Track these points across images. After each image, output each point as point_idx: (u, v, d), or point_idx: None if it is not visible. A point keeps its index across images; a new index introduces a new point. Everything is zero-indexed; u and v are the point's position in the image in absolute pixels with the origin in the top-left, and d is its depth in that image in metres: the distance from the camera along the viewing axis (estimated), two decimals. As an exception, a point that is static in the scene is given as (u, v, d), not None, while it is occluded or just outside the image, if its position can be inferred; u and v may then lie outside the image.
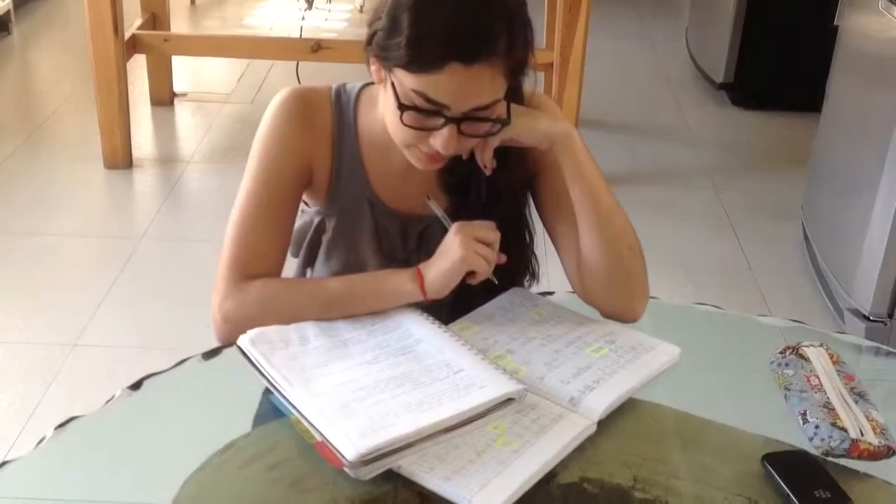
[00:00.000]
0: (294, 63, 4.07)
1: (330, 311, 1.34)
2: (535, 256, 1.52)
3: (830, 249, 3.01)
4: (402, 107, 1.26)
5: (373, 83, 1.40)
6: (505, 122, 1.30)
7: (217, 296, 1.38)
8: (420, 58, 1.22)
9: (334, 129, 1.44)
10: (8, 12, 5.06)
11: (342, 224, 1.47)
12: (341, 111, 1.44)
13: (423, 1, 1.22)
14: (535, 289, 1.53)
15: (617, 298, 1.39)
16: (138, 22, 3.98)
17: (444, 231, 1.37)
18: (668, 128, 4.37)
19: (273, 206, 1.41)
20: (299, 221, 1.50)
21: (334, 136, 1.44)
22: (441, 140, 1.27)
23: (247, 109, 4.30)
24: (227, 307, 1.36)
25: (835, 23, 3.13)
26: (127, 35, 3.68)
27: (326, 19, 5.49)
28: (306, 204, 1.50)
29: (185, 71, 4.72)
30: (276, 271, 1.41)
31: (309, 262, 1.53)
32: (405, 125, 1.27)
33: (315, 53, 3.72)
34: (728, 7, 4.42)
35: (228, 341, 1.33)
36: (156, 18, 4.12)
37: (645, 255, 1.42)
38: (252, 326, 1.30)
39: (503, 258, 1.34)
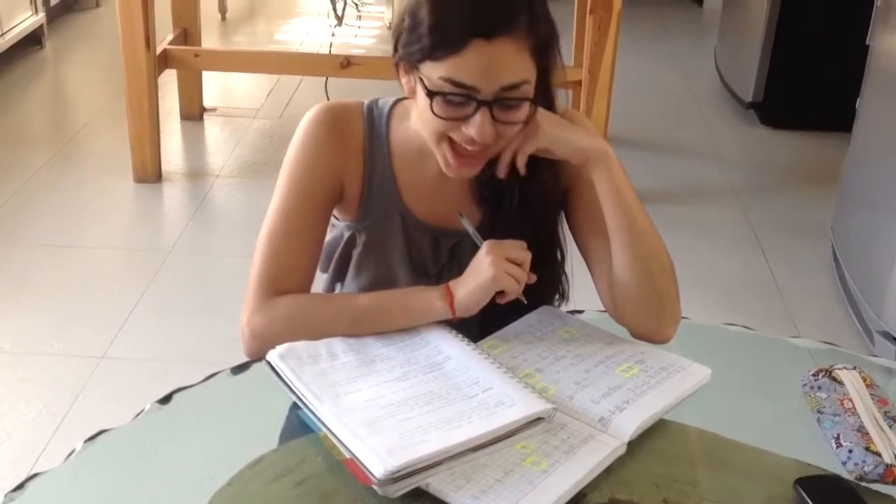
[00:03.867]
0: (323, 79, 4.09)
1: (358, 328, 1.33)
2: (566, 275, 1.51)
3: (860, 270, 2.99)
4: (431, 94, 1.26)
5: (405, 98, 1.41)
6: (535, 102, 1.30)
7: (246, 311, 1.38)
8: (442, 40, 1.24)
9: (366, 143, 1.44)
10: (41, 26, 5.12)
11: (373, 237, 1.47)
12: (373, 125, 1.45)
13: None
14: (564, 308, 1.52)
15: (647, 319, 1.38)
16: (170, 37, 4.01)
17: (475, 247, 1.37)
18: (697, 146, 4.36)
19: (303, 222, 1.41)
20: (329, 236, 1.50)
21: (366, 150, 1.44)
22: (475, 126, 1.26)
23: (276, 124, 4.33)
24: (256, 322, 1.36)
25: (866, 42, 3.11)
26: (158, 50, 3.71)
27: (356, 35, 5.52)
28: (336, 218, 1.50)
29: (215, 86, 4.76)
30: (305, 287, 1.41)
31: (339, 276, 1.53)
32: (437, 116, 1.27)
33: (344, 69, 3.73)
34: (758, 26, 4.41)
35: (256, 356, 1.33)
36: (187, 34, 4.16)
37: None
38: (280, 342, 1.30)
39: (533, 278, 1.34)
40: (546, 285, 1.46)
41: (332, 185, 1.43)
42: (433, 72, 1.25)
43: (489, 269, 1.29)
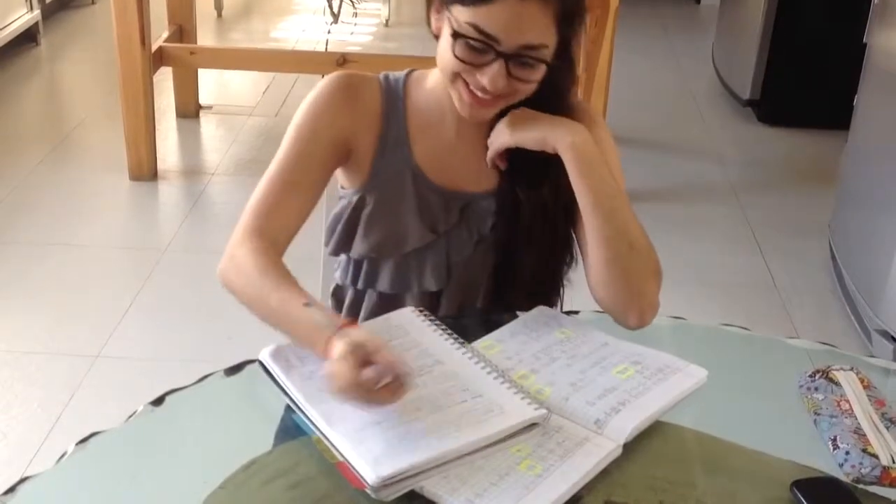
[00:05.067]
0: (319, 76, 4.08)
1: (267, 322, 1.31)
2: (574, 241, 1.49)
3: (858, 269, 2.98)
4: (455, 35, 1.31)
5: (416, 70, 1.49)
6: (551, 63, 1.34)
7: (233, 234, 1.41)
8: None
9: (383, 104, 1.48)
10: (36, 24, 5.11)
11: (384, 196, 1.48)
12: (390, 87, 1.49)
13: None
14: (572, 271, 1.51)
15: (617, 298, 1.39)
16: (165, 34, 4.00)
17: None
18: (694, 144, 4.35)
19: (300, 172, 1.44)
20: (337, 207, 1.52)
21: (383, 110, 1.48)
22: (489, 75, 1.31)
23: (271, 122, 4.32)
24: (228, 250, 1.39)
25: (864, 40, 3.10)
26: (154, 48, 3.70)
27: (352, 33, 5.52)
28: (343, 188, 1.52)
29: (211, 83, 4.75)
30: (285, 231, 1.42)
31: (345, 241, 1.51)
32: (457, 58, 1.32)
33: (340, 67, 3.72)
34: (755, 23, 4.40)
35: (219, 280, 1.39)
36: (182, 31, 4.15)
37: (670, 272, 1.41)
38: (227, 283, 1.37)
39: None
40: (557, 256, 1.49)
41: (338, 143, 1.46)
42: (461, 15, 1.31)
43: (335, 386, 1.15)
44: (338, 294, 1.60)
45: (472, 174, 1.48)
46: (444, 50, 1.35)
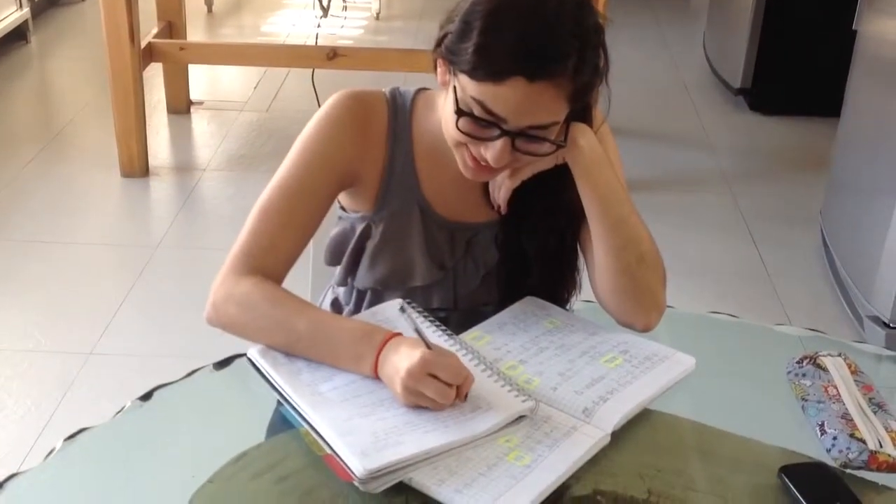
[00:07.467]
0: (310, 70, 4.07)
1: (290, 348, 1.27)
2: (578, 271, 1.47)
3: (849, 256, 2.99)
4: (459, 112, 1.25)
5: (427, 88, 1.41)
6: (561, 145, 1.29)
7: (218, 276, 1.35)
8: (485, 66, 1.21)
9: (390, 132, 1.42)
10: (26, 21, 5.09)
11: (390, 229, 1.44)
12: (397, 113, 1.43)
13: (497, 10, 1.21)
14: (577, 298, 1.50)
15: (625, 307, 1.38)
16: (155, 30, 3.99)
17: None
18: (686, 133, 4.35)
19: (299, 205, 1.37)
20: (338, 228, 1.48)
21: (389, 139, 1.42)
22: (493, 152, 1.26)
23: (263, 117, 4.30)
24: (219, 293, 1.33)
25: (853, 27, 3.10)
26: (143, 44, 3.69)
27: (342, 26, 5.51)
28: (344, 210, 1.48)
29: (202, 79, 4.73)
30: (282, 268, 1.37)
31: (351, 270, 1.48)
32: (460, 131, 1.26)
33: (331, 61, 3.71)
34: (746, 12, 4.40)
35: (211, 324, 1.33)
36: (172, 27, 4.13)
37: (662, 261, 1.40)
38: (227, 322, 1.31)
39: (462, 398, 1.18)
40: (562, 286, 1.46)
41: (343, 172, 1.40)
42: (468, 87, 1.23)
43: (399, 392, 1.17)
44: (336, 307, 1.56)
45: (475, 204, 1.44)
46: (449, 117, 1.28)
